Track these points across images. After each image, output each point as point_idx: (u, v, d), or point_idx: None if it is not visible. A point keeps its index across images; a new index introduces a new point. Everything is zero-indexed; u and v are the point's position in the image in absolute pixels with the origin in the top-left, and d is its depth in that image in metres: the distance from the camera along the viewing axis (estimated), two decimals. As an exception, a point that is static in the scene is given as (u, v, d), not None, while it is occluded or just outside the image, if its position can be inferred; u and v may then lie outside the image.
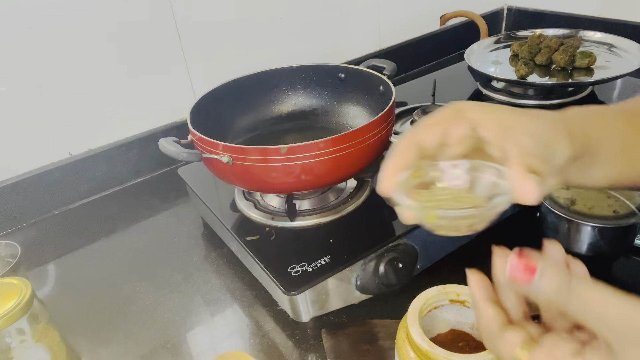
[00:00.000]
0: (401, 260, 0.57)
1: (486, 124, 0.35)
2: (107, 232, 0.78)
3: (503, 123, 0.34)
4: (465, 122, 0.35)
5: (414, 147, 0.35)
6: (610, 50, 0.92)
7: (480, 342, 0.43)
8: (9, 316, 0.45)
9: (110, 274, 0.68)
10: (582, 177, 0.39)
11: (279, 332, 0.56)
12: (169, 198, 0.84)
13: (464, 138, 0.35)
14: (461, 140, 0.35)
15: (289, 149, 0.53)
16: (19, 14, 0.72)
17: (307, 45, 1.03)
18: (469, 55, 0.96)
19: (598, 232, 0.55)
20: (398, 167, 0.35)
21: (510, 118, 0.35)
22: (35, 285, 0.50)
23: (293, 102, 0.78)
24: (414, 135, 0.36)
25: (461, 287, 0.42)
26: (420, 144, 0.35)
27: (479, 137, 0.35)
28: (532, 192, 0.31)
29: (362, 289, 0.57)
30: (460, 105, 0.36)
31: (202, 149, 0.58)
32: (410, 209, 0.33)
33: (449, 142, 0.36)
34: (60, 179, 0.82)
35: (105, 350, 0.57)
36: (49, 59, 0.76)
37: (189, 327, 0.59)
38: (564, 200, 0.58)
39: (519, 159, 0.32)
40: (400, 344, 0.40)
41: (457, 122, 0.35)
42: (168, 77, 0.89)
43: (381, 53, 1.14)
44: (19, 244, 0.61)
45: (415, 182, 0.35)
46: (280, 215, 0.63)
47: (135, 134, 0.89)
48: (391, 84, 0.66)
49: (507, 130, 0.34)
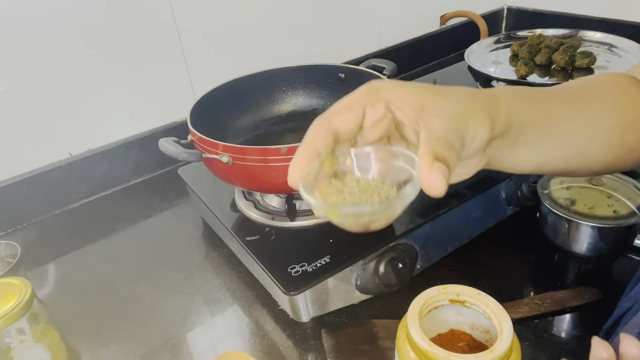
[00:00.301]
0: (401, 260, 0.57)
1: (401, 104, 0.32)
2: (107, 232, 0.78)
3: (418, 103, 0.32)
4: (381, 103, 0.32)
5: (326, 133, 0.33)
6: (610, 50, 0.92)
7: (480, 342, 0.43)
8: (9, 316, 0.45)
9: (110, 274, 0.68)
10: (508, 158, 0.37)
11: (279, 332, 0.56)
12: (169, 198, 0.84)
13: (380, 121, 0.33)
14: (377, 123, 0.33)
15: (289, 149, 0.53)
16: (19, 14, 0.72)
17: (307, 45, 1.03)
18: (469, 55, 0.96)
19: (598, 232, 0.55)
20: (307, 156, 0.32)
21: (425, 98, 0.32)
22: (35, 285, 0.50)
23: (293, 102, 0.78)
24: (326, 119, 0.33)
25: (461, 287, 0.42)
26: (334, 128, 0.33)
27: (395, 119, 0.33)
28: (437, 184, 0.29)
29: (362, 289, 0.57)
30: (376, 84, 0.33)
31: (202, 149, 0.58)
32: (313, 207, 0.31)
33: (365, 125, 0.33)
34: (60, 179, 0.82)
35: (105, 350, 0.57)
36: (49, 59, 0.76)
37: (189, 327, 0.59)
38: (564, 200, 0.58)
39: (427, 146, 0.30)
40: (400, 344, 0.40)
41: (373, 104, 0.32)
42: (168, 77, 0.89)
43: (381, 53, 1.14)
44: (19, 244, 0.61)
45: (331, 170, 0.33)
46: (280, 215, 0.63)
47: (135, 134, 0.89)
48: (391, 84, 0.66)
49: (421, 112, 0.31)
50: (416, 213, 0.62)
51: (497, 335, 0.38)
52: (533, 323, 0.54)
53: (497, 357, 0.36)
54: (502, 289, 0.59)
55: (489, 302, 0.41)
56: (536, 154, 0.38)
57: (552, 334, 0.53)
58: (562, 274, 0.60)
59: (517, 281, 0.60)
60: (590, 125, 0.39)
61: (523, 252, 0.63)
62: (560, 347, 0.51)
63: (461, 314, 0.43)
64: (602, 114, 0.39)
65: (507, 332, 0.37)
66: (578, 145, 0.39)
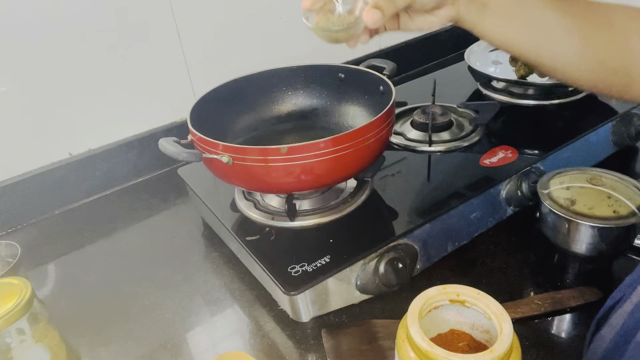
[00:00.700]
0: (401, 260, 0.57)
1: None
2: (107, 232, 0.78)
3: None
4: None
5: None
6: (610, 50, 0.92)
7: (480, 342, 0.43)
8: (9, 316, 0.45)
9: (110, 274, 0.69)
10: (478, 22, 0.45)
11: (279, 332, 0.56)
12: (169, 198, 0.84)
13: None
14: None
15: (289, 149, 0.53)
16: (19, 14, 0.72)
17: (307, 45, 1.03)
18: (469, 55, 0.96)
19: (598, 232, 0.55)
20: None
21: None
22: (35, 285, 0.50)
23: (293, 102, 0.78)
24: None
25: (461, 287, 0.42)
26: None
27: None
28: (371, 20, 0.44)
29: (362, 289, 0.57)
30: None
31: (202, 149, 0.58)
32: (308, 28, 0.50)
33: None
34: (60, 179, 0.82)
35: (105, 350, 0.57)
36: (50, 59, 0.76)
37: (189, 327, 0.59)
38: (564, 200, 0.58)
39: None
40: (400, 344, 0.40)
41: None
42: (168, 77, 0.89)
43: (381, 53, 1.14)
44: (19, 244, 0.61)
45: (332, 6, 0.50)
46: (280, 215, 0.63)
47: (135, 134, 0.89)
48: (391, 84, 0.66)
49: None
50: (416, 213, 0.62)
51: (497, 335, 0.38)
52: (533, 323, 0.54)
53: (497, 357, 0.36)
54: (502, 289, 0.59)
55: (489, 302, 0.41)
56: (505, 29, 0.45)
57: (552, 334, 0.53)
58: (562, 274, 0.60)
59: (517, 281, 0.60)
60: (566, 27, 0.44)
61: (523, 252, 0.63)
62: (560, 347, 0.51)
63: (461, 314, 0.43)
64: (585, 22, 0.44)
65: (507, 332, 0.37)
66: (552, 41, 0.44)
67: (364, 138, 0.56)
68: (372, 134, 0.57)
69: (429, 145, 0.76)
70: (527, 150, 0.72)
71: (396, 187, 0.68)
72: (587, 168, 0.63)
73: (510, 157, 0.71)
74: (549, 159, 0.71)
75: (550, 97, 0.87)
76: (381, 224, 0.62)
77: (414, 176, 0.70)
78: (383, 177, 0.70)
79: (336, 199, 0.66)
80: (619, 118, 0.79)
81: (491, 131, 0.79)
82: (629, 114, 0.81)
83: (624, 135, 0.80)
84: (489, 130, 0.79)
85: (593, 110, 0.83)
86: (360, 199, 0.65)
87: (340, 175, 0.60)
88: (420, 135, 0.79)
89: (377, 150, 0.61)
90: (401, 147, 0.77)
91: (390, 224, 0.61)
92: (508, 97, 0.89)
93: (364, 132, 0.56)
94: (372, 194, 0.67)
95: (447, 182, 0.67)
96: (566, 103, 0.85)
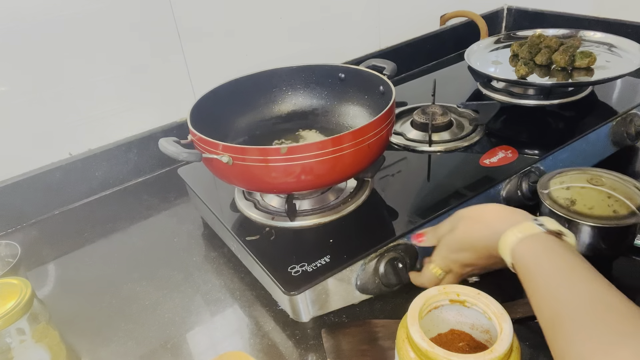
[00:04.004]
0: (401, 260, 0.57)
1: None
2: (107, 232, 0.78)
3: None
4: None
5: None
6: (610, 50, 0.92)
7: (480, 342, 0.43)
8: (9, 316, 0.45)
9: (110, 274, 0.68)
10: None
11: (279, 332, 0.56)
12: (169, 198, 0.84)
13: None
14: None
15: (289, 149, 0.53)
16: (19, 14, 0.72)
17: (307, 45, 1.04)
18: (469, 55, 0.96)
19: (598, 232, 0.55)
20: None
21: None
22: (35, 285, 0.50)
23: (293, 102, 0.78)
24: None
25: (461, 287, 0.42)
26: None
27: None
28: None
29: (362, 289, 0.57)
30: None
31: (202, 149, 0.58)
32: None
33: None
34: (60, 179, 0.82)
35: (105, 350, 0.57)
36: (50, 59, 0.76)
37: (189, 327, 0.59)
38: (564, 200, 0.58)
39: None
40: (400, 344, 0.40)
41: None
42: (168, 77, 0.89)
43: (381, 53, 1.14)
44: (19, 244, 0.61)
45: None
46: (280, 215, 0.63)
47: (135, 134, 0.89)
48: (391, 84, 0.66)
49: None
50: (416, 213, 0.62)
51: (497, 335, 0.38)
52: (533, 323, 0.54)
53: (497, 357, 0.36)
54: (502, 289, 0.59)
55: (489, 302, 0.41)
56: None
57: (552, 334, 0.53)
58: (562, 274, 0.60)
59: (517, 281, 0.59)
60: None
61: (523, 252, 0.63)
62: (560, 347, 0.51)
63: (461, 314, 0.43)
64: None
65: (507, 332, 0.37)
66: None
67: (364, 138, 0.56)
68: (372, 134, 0.57)
69: (429, 145, 0.76)
70: (527, 150, 0.72)
71: (396, 187, 0.68)
72: (587, 168, 0.63)
73: (510, 157, 0.71)
74: (549, 159, 0.71)
75: (550, 97, 0.86)
76: (381, 224, 0.62)
77: (414, 176, 0.70)
78: (383, 177, 0.70)
79: (336, 198, 0.66)
80: (619, 118, 0.79)
81: (491, 131, 0.79)
82: (629, 114, 0.81)
83: (624, 135, 0.80)
84: (489, 130, 0.79)
85: (593, 110, 0.83)
86: (360, 199, 0.65)
87: (340, 175, 0.60)
88: (420, 135, 0.79)
89: (377, 150, 0.61)
90: (401, 147, 0.78)
91: (390, 223, 0.61)
92: (508, 97, 0.89)
93: (364, 132, 0.56)
94: (372, 193, 0.67)
95: (447, 182, 0.67)
96: (566, 103, 0.85)
